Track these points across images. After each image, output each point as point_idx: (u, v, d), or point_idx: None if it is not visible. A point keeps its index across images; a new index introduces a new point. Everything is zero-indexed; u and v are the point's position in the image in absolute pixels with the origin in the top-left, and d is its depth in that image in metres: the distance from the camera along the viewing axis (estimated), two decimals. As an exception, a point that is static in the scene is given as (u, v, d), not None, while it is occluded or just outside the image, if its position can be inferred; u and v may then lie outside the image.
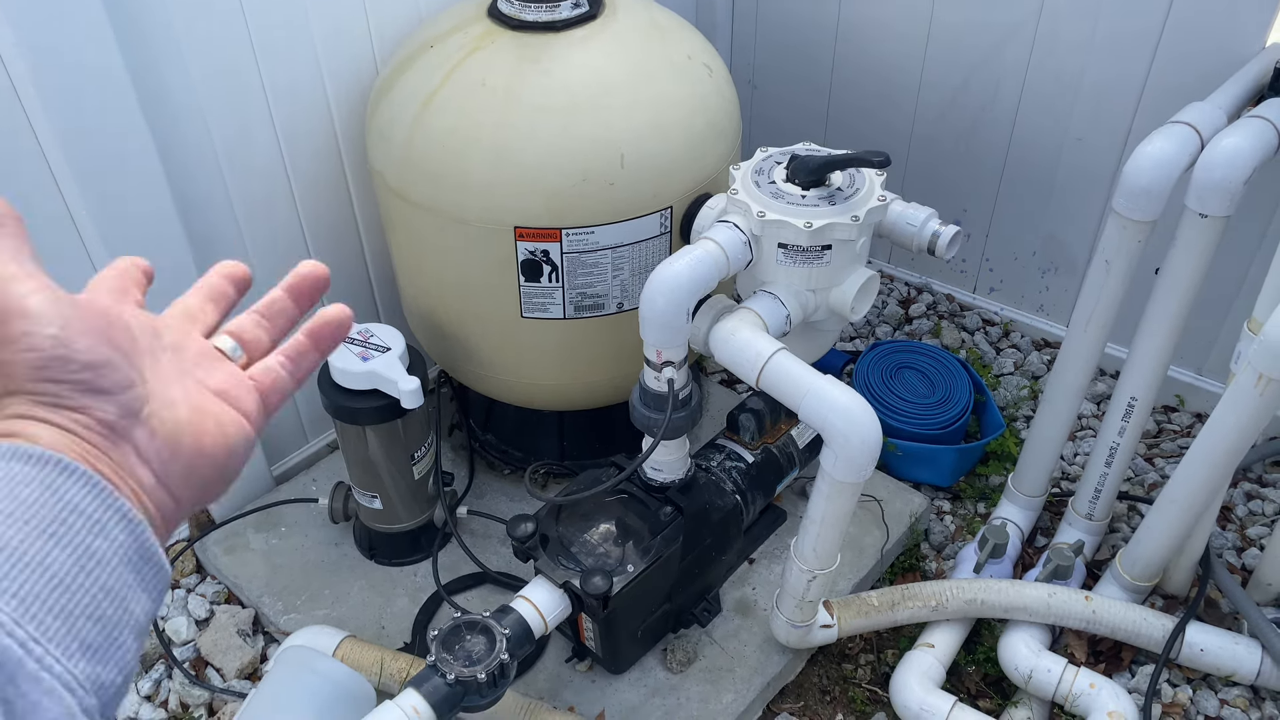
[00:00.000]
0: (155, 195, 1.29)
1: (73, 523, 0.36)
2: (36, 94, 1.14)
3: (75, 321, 0.39)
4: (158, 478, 0.41)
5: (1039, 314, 1.97)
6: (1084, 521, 1.55)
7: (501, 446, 1.68)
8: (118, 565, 0.37)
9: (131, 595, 0.37)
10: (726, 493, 1.40)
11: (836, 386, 1.09)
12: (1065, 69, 1.68)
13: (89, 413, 0.39)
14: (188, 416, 0.43)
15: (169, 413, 0.42)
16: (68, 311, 0.39)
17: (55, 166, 1.21)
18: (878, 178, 1.20)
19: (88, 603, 0.35)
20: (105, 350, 0.40)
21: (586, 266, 1.32)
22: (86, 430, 0.39)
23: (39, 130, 1.18)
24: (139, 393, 0.41)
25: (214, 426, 0.43)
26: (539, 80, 1.26)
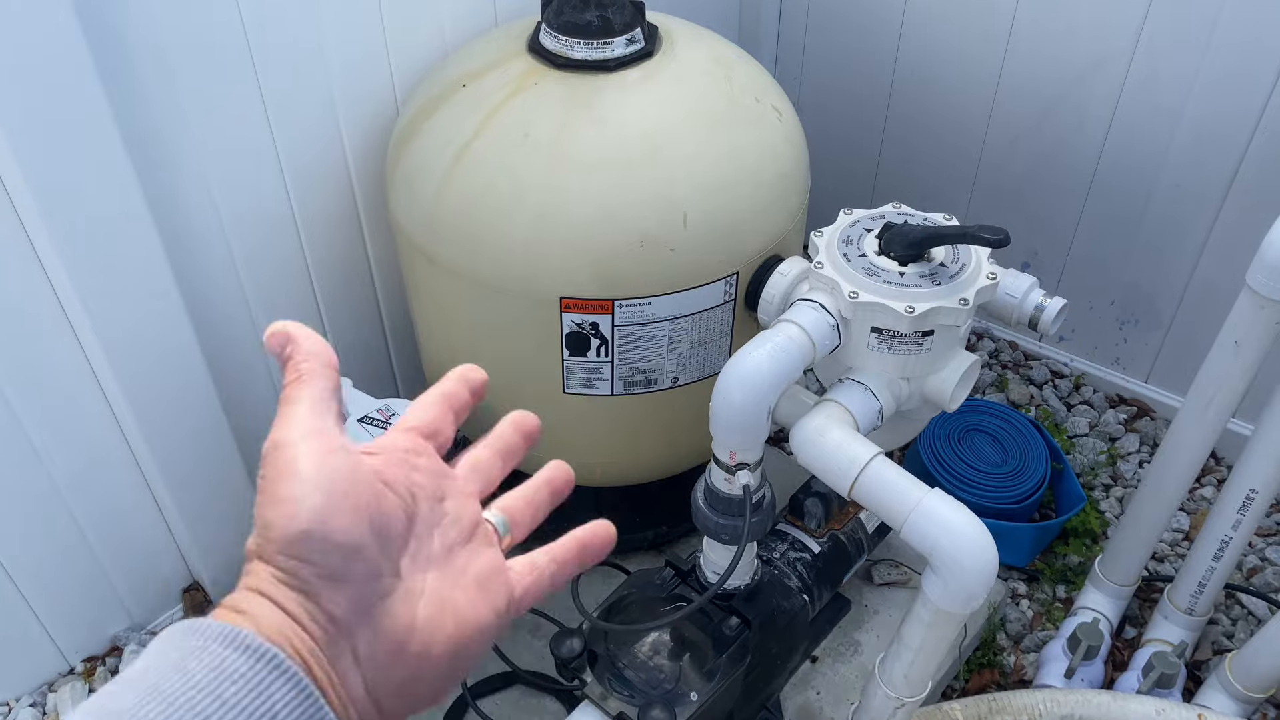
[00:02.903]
0: (149, 266, 1.13)
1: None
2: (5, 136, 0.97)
3: (343, 496, 0.38)
4: (368, 688, 0.38)
5: (1114, 367, 1.80)
6: (1183, 616, 1.39)
7: (531, 518, 1.51)
8: None
9: None
10: (792, 591, 1.23)
11: (947, 504, 0.93)
12: (1162, 106, 1.51)
13: (319, 602, 0.37)
14: (425, 615, 0.40)
15: (405, 610, 0.39)
16: (339, 482, 0.38)
17: (24, 212, 1.04)
18: (984, 250, 1.03)
19: None
20: (361, 532, 0.38)
21: (640, 340, 1.16)
22: (311, 622, 0.37)
23: (8, 179, 1.01)
24: (380, 586, 0.39)
25: (452, 627, 0.40)
26: (590, 131, 1.09)
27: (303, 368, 0.42)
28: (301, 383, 0.41)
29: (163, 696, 0.33)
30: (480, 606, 0.41)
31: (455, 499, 0.44)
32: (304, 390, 0.41)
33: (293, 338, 0.42)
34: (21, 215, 1.03)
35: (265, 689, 0.34)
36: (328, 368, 0.42)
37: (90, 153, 1.03)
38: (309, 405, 0.40)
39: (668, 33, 1.20)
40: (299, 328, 0.43)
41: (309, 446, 0.39)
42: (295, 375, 0.41)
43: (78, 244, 1.06)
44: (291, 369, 0.42)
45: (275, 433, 0.40)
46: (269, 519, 0.37)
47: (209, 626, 0.35)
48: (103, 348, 1.13)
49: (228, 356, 1.29)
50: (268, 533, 0.37)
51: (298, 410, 0.40)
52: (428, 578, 0.41)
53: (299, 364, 0.42)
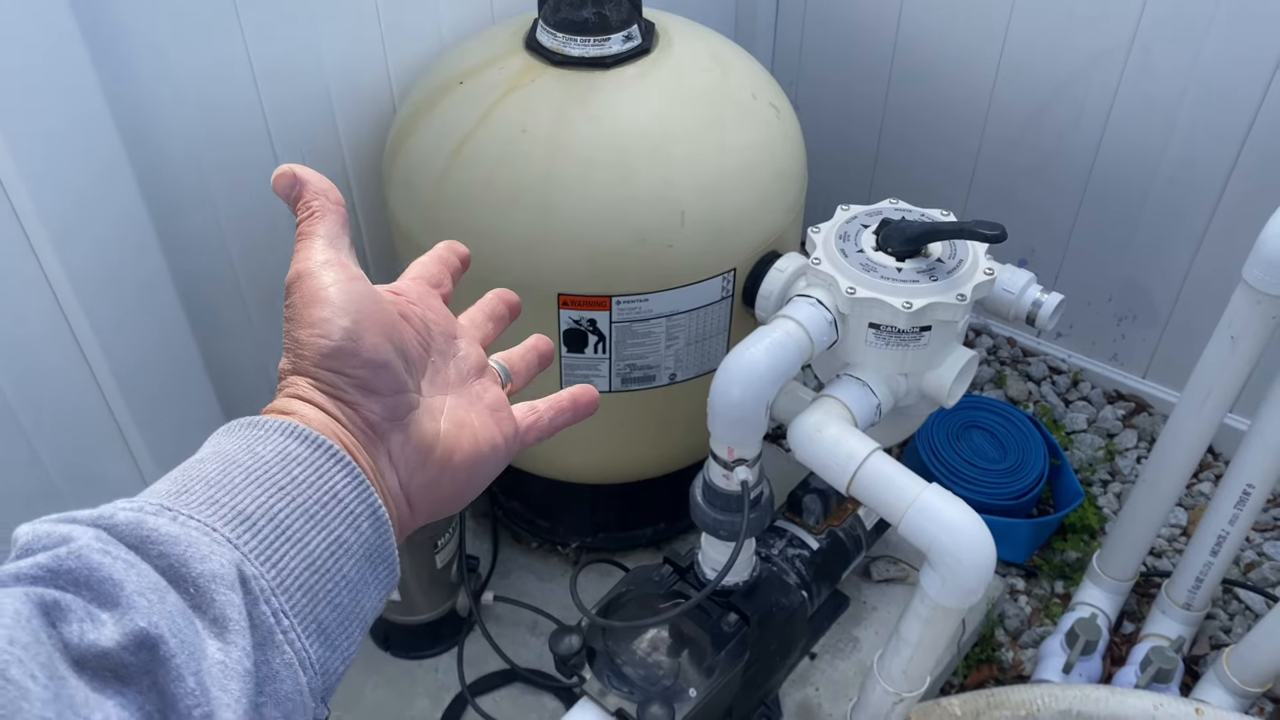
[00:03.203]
0: (142, 248, 1.12)
1: (332, 508, 0.38)
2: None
3: (368, 317, 0.42)
4: (402, 484, 0.42)
5: (1112, 363, 1.80)
6: (1180, 611, 1.39)
7: (528, 516, 1.51)
8: (360, 559, 0.38)
9: (365, 590, 0.39)
10: (791, 588, 1.23)
11: (945, 499, 0.93)
12: (1158, 101, 1.51)
13: (358, 409, 0.41)
14: (445, 429, 0.44)
15: (429, 422, 0.44)
16: (365, 306, 0.42)
17: (23, 213, 1.04)
18: (981, 245, 1.03)
19: (331, 589, 0.37)
20: (388, 351, 0.42)
21: (638, 336, 1.16)
22: (352, 424, 0.41)
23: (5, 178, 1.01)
24: (408, 399, 0.43)
25: (469, 443, 0.45)
26: (587, 127, 1.09)
27: (314, 205, 0.44)
28: (314, 218, 0.44)
29: (242, 468, 0.37)
30: (493, 429, 0.47)
31: (465, 340, 0.50)
32: (318, 225, 0.44)
33: (300, 178, 0.45)
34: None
35: (326, 472, 0.38)
36: (337, 204, 0.45)
37: (98, 171, 1.03)
38: (325, 239, 0.43)
39: (664, 29, 1.20)
40: (304, 169, 0.45)
41: (334, 275, 0.42)
42: (308, 212, 0.44)
43: (88, 274, 1.05)
44: (303, 207, 0.45)
45: (297, 265, 0.43)
46: (303, 339, 0.41)
47: (267, 421, 0.39)
48: (102, 350, 1.13)
49: (226, 358, 1.29)
50: (302, 350, 0.41)
51: (315, 244, 0.43)
52: (446, 400, 0.46)
53: (309, 201, 0.44)
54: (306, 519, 0.37)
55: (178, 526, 0.34)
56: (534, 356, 0.56)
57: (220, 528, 0.35)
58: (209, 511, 0.35)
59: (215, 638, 0.33)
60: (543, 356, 0.57)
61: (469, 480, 0.45)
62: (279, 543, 0.36)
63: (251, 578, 0.34)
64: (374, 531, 0.39)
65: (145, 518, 0.34)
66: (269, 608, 0.34)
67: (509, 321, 0.56)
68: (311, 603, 0.36)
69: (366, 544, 0.39)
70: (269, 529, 0.36)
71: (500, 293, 0.57)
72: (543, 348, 0.57)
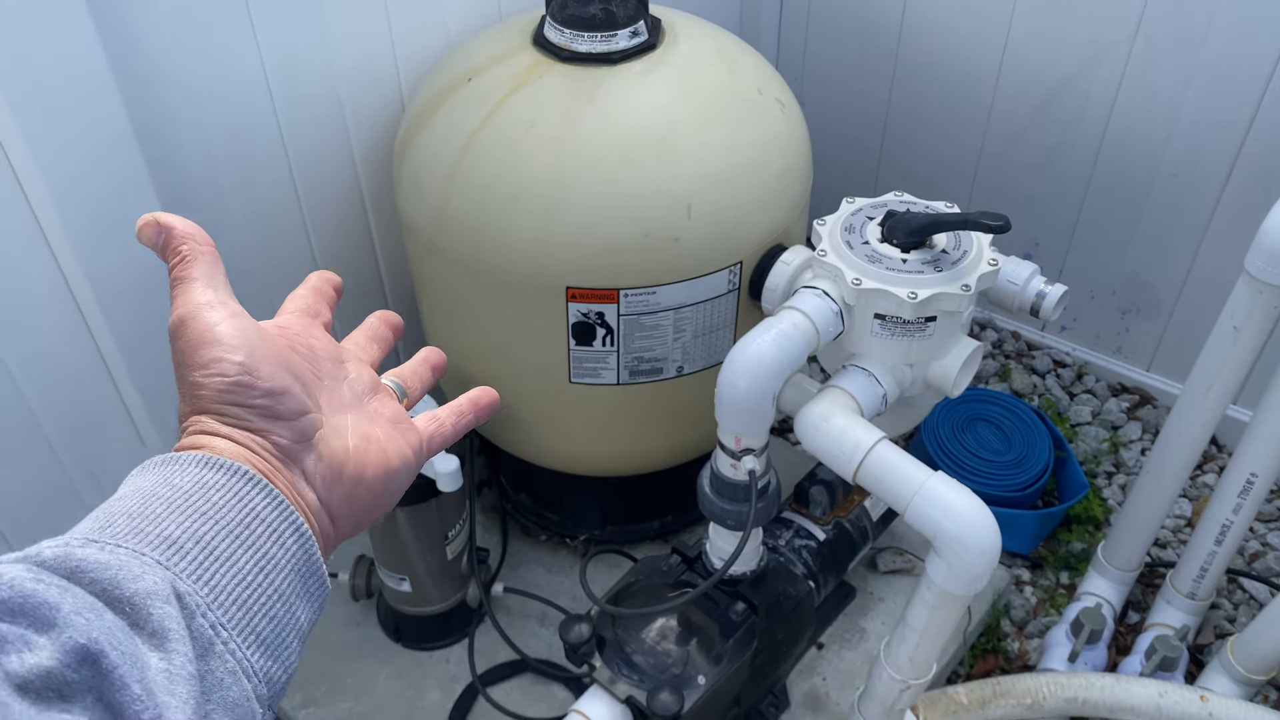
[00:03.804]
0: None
1: (255, 528, 0.39)
2: (23, 138, 0.99)
3: (260, 350, 0.43)
4: (321, 501, 0.44)
5: (1116, 356, 1.81)
6: (1185, 601, 1.40)
7: (537, 509, 1.53)
8: (289, 572, 0.39)
9: (298, 602, 0.40)
10: (798, 578, 1.25)
11: (950, 486, 0.94)
12: (1162, 94, 1.52)
13: (267, 436, 0.42)
14: (354, 445, 0.45)
15: (337, 440, 0.45)
16: (254, 340, 0.43)
17: (40, 211, 1.05)
18: (985, 237, 1.05)
19: (264, 601, 0.38)
20: (285, 379, 0.43)
21: (645, 329, 1.17)
22: (263, 450, 0.42)
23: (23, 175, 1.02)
24: (312, 419, 0.44)
25: (377, 456, 0.46)
26: (595, 122, 1.11)
27: (183, 249, 0.45)
28: (187, 262, 0.45)
29: (162, 500, 0.38)
30: (399, 441, 0.48)
31: (354, 362, 0.51)
32: (192, 269, 0.44)
33: (164, 225, 0.45)
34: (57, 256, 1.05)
35: (245, 495, 0.39)
36: (207, 245, 0.46)
37: (116, 174, 1.05)
38: (202, 281, 0.44)
39: (671, 25, 1.21)
40: (167, 215, 0.46)
41: (219, 314, 0.43)
42: (178, 257, 0.45)
43: (107, 278, 1.07)
44: (173, 252, 0.45)
45: (178, 310, 0.43)
46: (199, 381, 0.42)
47: (181, 456, 0.40)
48: (120, 351, 1.14)
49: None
50: (200, 392, 0.42)
51: (193, 287, 0.44)
52: (348, 418, 0.47)
53: (178, 247, 0.45)
54: (232, 539, 0.38)
55: (106, 554, 0.35)
56: (426, 369, 0.57)
57: (149, 552, 0.35)
58: (135, 539, 0.36)
59: (156, 649, 0.33)
60: (435, 368, 0.58)
61: (384, 491, 0.47)
62: (208, 561, 0.36)
63: (186, 594, 0.35)
64: (299, 546, 0.40)
65: (72, 550, 0.34)
66: (205, 620, 0.35)
67: (393, 342, 0.57)
68: (246, 615, 0.37)
69: (294, 558, 0.40)
70: (196, 550, 0.36)
71: (383, 314, 0.58)
72: (434, 359, 0.58)
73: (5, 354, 1.07)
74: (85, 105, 1.01)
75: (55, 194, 1.02)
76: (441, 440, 0.52)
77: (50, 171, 1.00)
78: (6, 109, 0.95)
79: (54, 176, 1.01)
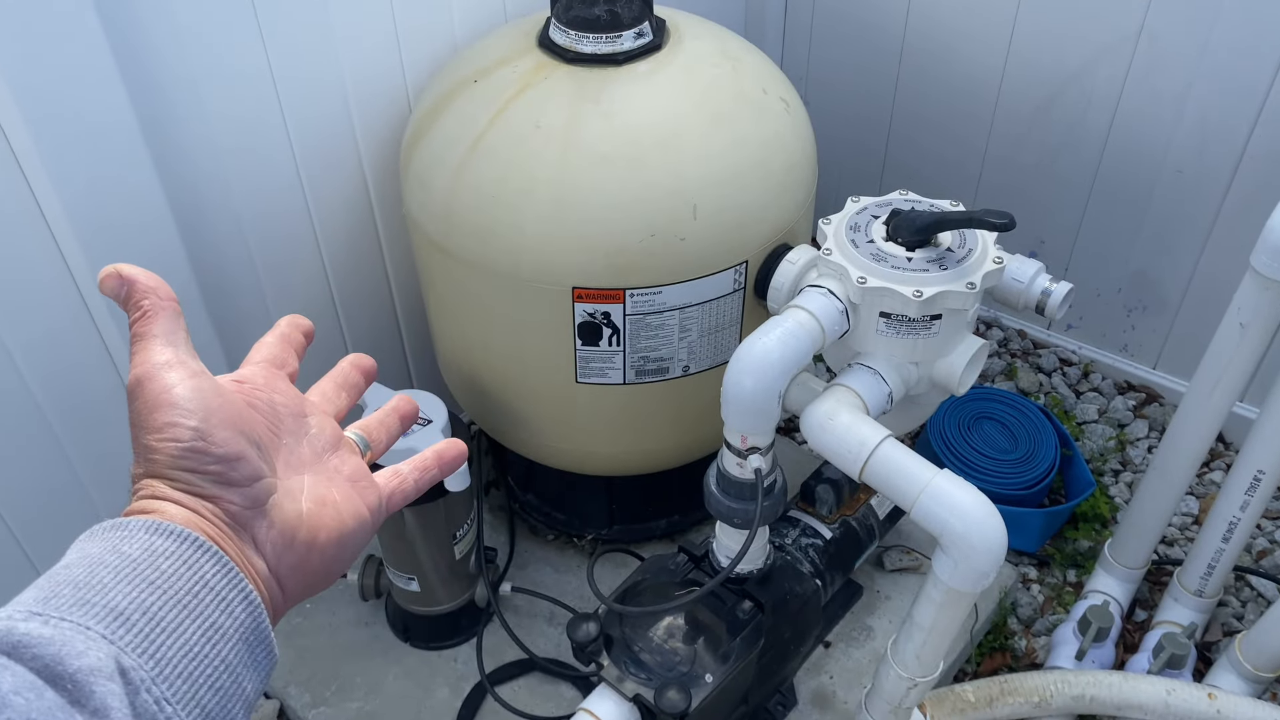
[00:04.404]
0: (166, 248, 1.15)
1: (204, 596, 0.38)
2: (33, 142, 0.99)
3: (216, 413, 0.42)
4: (270, 568, 0.43)
5: (1122, 354, 1.81)
6: (1193, 599, 1.40)
7: (544, 509, 1.53)
8: (237, 642, 0.39)
9: (245, 672, 0.39)
10: (805, 576, 1.25)
11: (956, 484, 0.94)
12: (1165, 93, 1.52)
13: (218, 503, 0.42)
14: (308, 509, 0.45)
15: (290, 504, 0.44)
16: (210, 402, 0.42)
17: (50, 214, 1.06)
18: (990, 235, 1.05)
19: (210, 673, 0.37)
20: (240, 444, 0.43)
21: (651, 328, 1.17)
22: (214, 517, 0.41)
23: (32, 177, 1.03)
24: (266, 485, 0.44)
25: (332, 519, 0.46)
26: (600, 123, 1.11)
27: (144, 304, 0.44)
28: (147, 318, 0.44)
29: (109, 568, 0.37)
30: (356, 501, 0.47)
31: (316, 416, 0.50)
32: (152, 325, 0.44)
33: (127, 277, 0.44)
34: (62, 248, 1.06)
35: (194, 563, 0.39)
36: (168, 300, 0.45)
37: (119, 169, 1.05)
38: (161, 338, 0.43)
39: (675, 26, 1.21)
40: (130, 267, 0.45)
41: (176, 375, 0.42)
42: (139, 312, 0.44)
43: (100, 247, 1.08)
44: (134, 306, 0.44)
45: (137, 369, 0.43)
46: (153, 445, 0.41)
47: (130, 522, 0.39)
48: (124, 344, 1.15)
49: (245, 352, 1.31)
50: (153, 456, 0.41)
51: (152, 345, 0.43)
52: (304, 480, 0.46)
53: (139, 301, 0.44)
54: (180, 609, 0.37)
55: (49, 628, 0.34)
56: (395, 419, 0.56)
57: (93, 625, 0.35)
58: (80, 612, 0.35)
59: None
60: (405, 417, 0.57)
61: (337, 555, 0.46)
62: (154, 634, 0.36)
63: (130, 669, 0.35)
64: (248, 615, 0.40)
65: (15, 625, 0.34)
66: (150, 696, 0.35)
67: (364, 388, 0.56)
68: (192, 688, 0.36)
69: (242, 628, 0.39)
70: (143, 621, 0.36)
71: (354, 359, 0.57)
72: (404, 408, 0.57)
73: (13, 348, 1.08)
74: (92, 100, 1.02)
75: (60, 191, 1.03)
76: (403, 496, 0.52)
77: (51, 159, 1.01)
78: (22, 127, 0.96)
79: (55, 165, 1.02)
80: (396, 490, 0.51)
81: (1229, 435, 1.72)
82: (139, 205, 1.10)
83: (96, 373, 1.17)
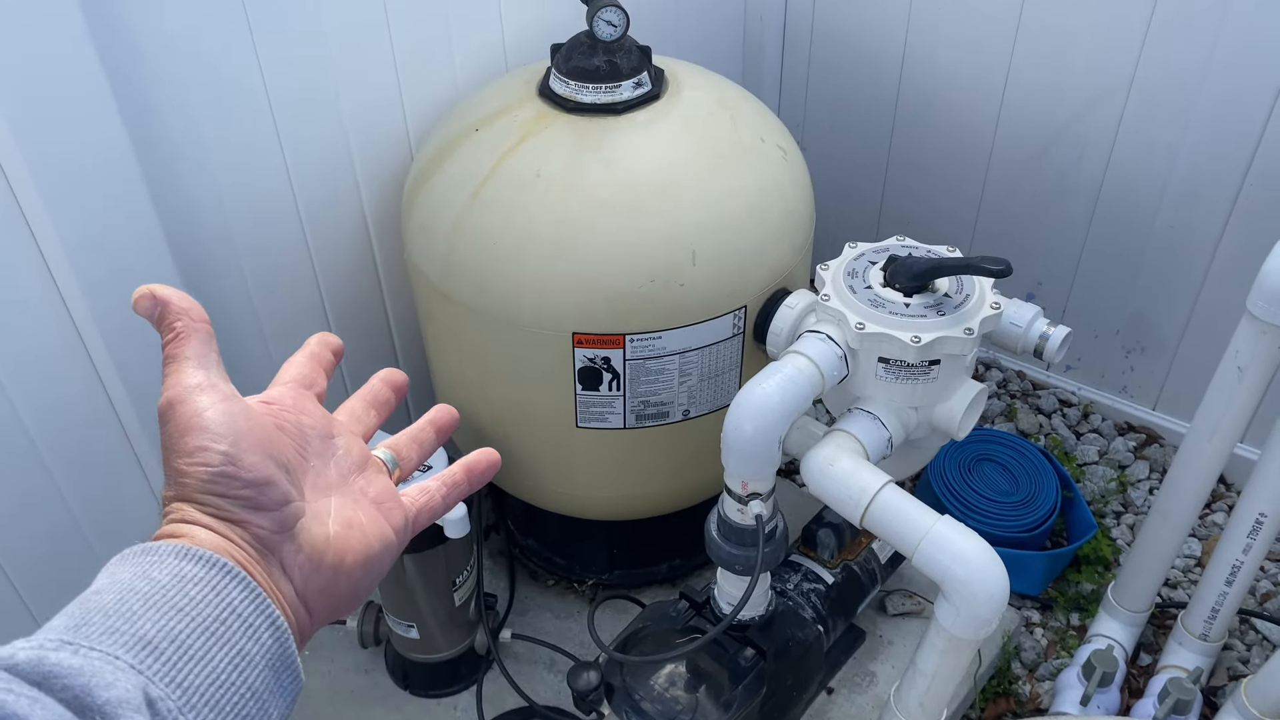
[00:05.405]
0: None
1: (231, 623, 0.38)
2: (36, 191, 1.00)
3: (245, 437, 0.42)
4: (297, 591, 0.43)
5: (1122, 395, 1.82)
6: (1197, 642, 1.39)
7: (544, 554, 1.53)
8: (264, 669, 0.39)
9: (270, 699, 0.39)
10: (807, 622, 1.24)
11: (957, 530, 0.94)
12: (1158, 140, 1.54)
13: (247, 527, 0.42)
14: (335, 532, 0.45)
15: (318, 528, 0.44)
16: (241, 426, 0.43)
17: (54, 265, 1.07)
18: (987, 280, 1.06)
19: (237, 700, 0.37)
20: (269, 468, 0.43)
21: (651, 373, 1.18)
22: (243, 541, 0.41)
23: (39, 233, 1.04)
24: (294, 509, 0.44)
25: (359, 542, 0.45)
26: (600, 171, 1.12)
27: (177, 326, 0.44)
28: (180, 340, 0.44)
29: (139, 595, 0.37)
30: (382, 523, 0.47)
31: (344, 437, 0.49)
32: (184, 348, 0.44)
33: (160, 298, 0.45)
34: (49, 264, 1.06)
35: (222, 589, 0.39)
36: (201, 322, 0.45)
37: (124, 220, 1.07)
38: (194, 360, 0.44)
39: (674, 75, 1.23)
40: (164, 289, 0.45)
41: (207, 399, 0.43)
42: (173, 334, 0.44)
43: (99, 288, 1.09)
44: (167, 328, 0.45)
45: (169, 391, 0.43)
46: (183, 469, 0.42)
47: (159, 546, 0.40)
48: (130, 399, 1.15)
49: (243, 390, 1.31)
50: (184, 480, 0.41)
51: (184, 367, 0.43)
52: (331, 502, 0.46)
53: (173, 323, 0.45)
54: (207, 636, 0.37)
55: (79, 659, 0.34)
56: (430, 432, 0.55)
57: (122, 655, 0.35)
58: (109, 641, 0.36)
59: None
60: (442, 430, 0.56)
61: (364, 578, 0.46)
62: (182, 662, 0.36)
63: (158, 699, 0.35)
64: (275, 641, 0.40)
65: (46, 654, 0.34)
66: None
67: (395, 404, 0.55)
68: (219, 717, 0.37)
69: (269, 654, 0.39)
70: (171, 650, 0.36)
71: (385, 374, 0.56)
72: (442, 420, 0.56)
73: (17, 402, 1.08)
74: (107, 180, 1.03)
75: (64, 239, 1.04)
76: (430, 514, 0.51)
77: (55, 203, 1.02)
78: (28, 177, 0.97)
79: (59, 211, 1.02)
80: (424, 507, 0.51)
81: (1230, 476, 1.72)
82: (138, 244, 1.10)
83: (103, 432, 1.17)
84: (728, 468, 1.02)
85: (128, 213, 1.08)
